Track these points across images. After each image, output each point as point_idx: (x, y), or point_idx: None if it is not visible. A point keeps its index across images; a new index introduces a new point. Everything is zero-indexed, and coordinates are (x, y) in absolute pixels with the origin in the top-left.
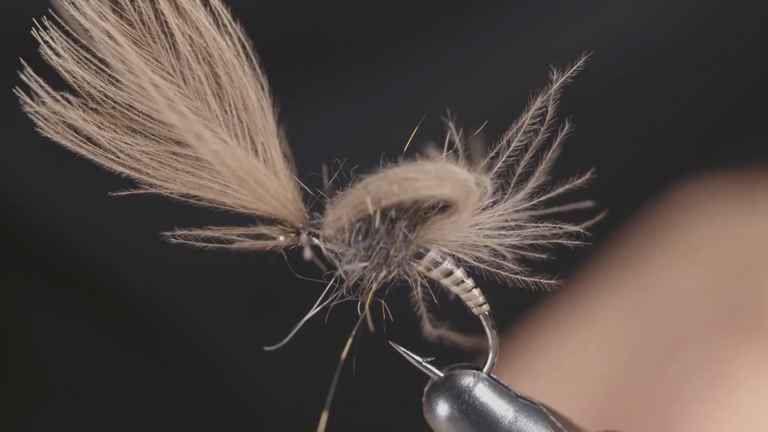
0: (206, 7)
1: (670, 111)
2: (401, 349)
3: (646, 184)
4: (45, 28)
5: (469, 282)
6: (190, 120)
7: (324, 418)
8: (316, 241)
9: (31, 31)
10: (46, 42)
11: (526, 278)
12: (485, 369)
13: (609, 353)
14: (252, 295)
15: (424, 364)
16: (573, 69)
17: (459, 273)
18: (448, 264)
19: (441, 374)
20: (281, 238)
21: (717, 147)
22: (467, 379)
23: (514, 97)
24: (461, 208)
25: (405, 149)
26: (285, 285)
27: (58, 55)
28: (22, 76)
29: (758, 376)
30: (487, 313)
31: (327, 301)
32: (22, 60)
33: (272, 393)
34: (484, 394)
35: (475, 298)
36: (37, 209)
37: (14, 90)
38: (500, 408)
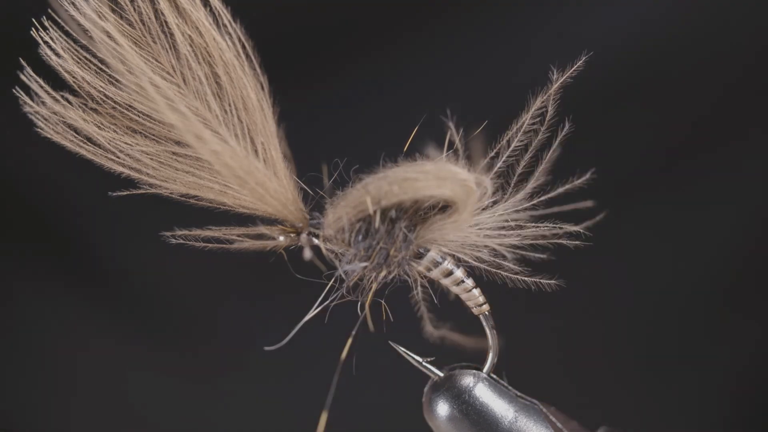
0: (206, 7)
1: (672, 112)
2: (401, 349)
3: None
4: (45, 28)
5: (469, 282)
6: (190, 120)
7: (324, 418)
8: (316, 241)
9: (31, 31)
10: (45, 42)
11: (526, 278)
12: (485, 369)
13: None
14: (251, 294)
15: (424, 364)
16: (573, 69)
17: (459, 273)
18: (448, 264)
19: (441, 374)
20: (281, 238)
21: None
22: (467, 379)
23: (514, 97)
24: (461, 208)
25: (405, 149)
26: (284, 285)
27: (57, 55)
28: (22, 76)
29: None
30: (487, 313)
31: (327, 302)
32: (21, 60)
33: (272, 392)
34: (484, 394)
35: (475, 298)
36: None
37: (14, 90)
38: (500, 408)
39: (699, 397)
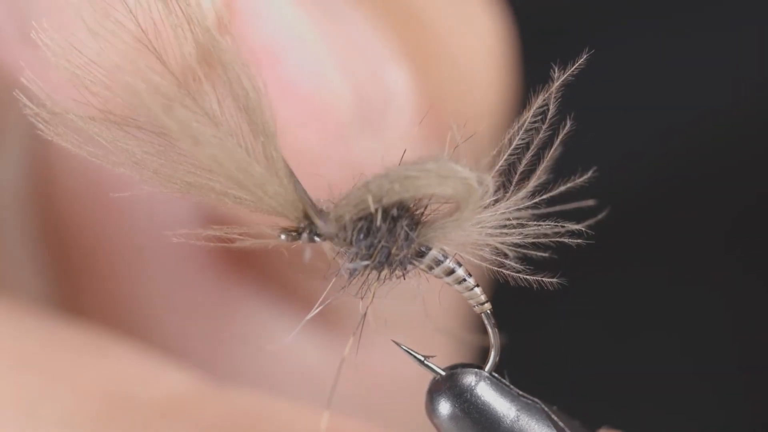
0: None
1: (675, 110)
2: (404, 348)
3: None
4: (44, 30)
5: (471, 281)
6: (187, 124)
7: (325, 417)
8: (317, 240)
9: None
10: (45, 43)
11: (528, 277)
12: (487, 368)
13: None
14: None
15: (426, 362)
16: (574, 67)
17: (460, 271)
18: (449, 263)
19: (443, 373)
20: (282, 237)
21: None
22: (469, 378)
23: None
24: (463, 206)
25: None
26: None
27: (56, 56)
28: (23, 80)
29: None
30: (488, 311)
31: (329, 301)
32: (22, 63)
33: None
34: (485, 392)
35: (476, 297)
36: None
37: (14, 93)
38: (502, 407)
39: (699, 399)
